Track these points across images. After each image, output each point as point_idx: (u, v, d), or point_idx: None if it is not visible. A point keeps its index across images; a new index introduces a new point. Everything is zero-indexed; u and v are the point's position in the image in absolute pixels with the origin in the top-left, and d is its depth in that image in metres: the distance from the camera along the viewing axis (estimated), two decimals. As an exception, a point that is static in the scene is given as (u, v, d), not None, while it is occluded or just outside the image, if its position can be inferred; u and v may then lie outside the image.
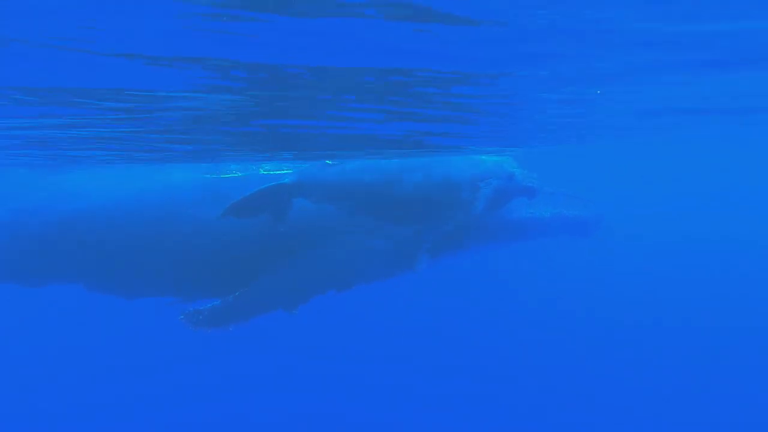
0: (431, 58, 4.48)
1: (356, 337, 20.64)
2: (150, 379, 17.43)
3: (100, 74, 4.69)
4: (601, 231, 9.57)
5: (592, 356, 20.29)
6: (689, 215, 40.56)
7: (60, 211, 8.20)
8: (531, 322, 24.05)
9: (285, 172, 8.52)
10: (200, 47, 3.93)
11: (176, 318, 7.75)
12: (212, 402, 16.27)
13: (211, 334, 7.64)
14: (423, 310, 24.82)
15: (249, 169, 9.21)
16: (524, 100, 6.79)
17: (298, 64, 4.55)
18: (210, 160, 10.56)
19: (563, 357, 19.97)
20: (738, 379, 17.45)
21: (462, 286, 26.10)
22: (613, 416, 15.58)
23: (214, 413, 15.71)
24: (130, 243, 7.99)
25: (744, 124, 11.03)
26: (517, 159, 9.14)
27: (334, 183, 7.78)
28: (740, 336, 21.22)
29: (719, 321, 23.32)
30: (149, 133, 7.56)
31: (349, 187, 7.75)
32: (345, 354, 19.42)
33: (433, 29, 3.67)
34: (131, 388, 16.90)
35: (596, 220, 9.56)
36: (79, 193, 8.46)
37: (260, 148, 9.43)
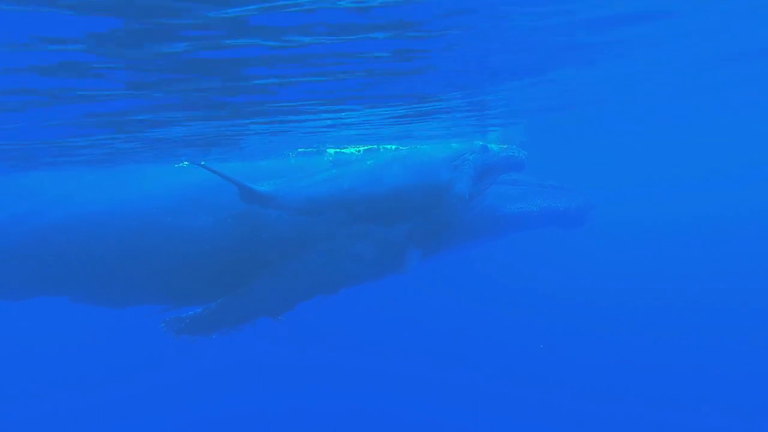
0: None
1: (357, 331, 20.59)
2: (150, 377, 17.35)
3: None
4: (592, 221, 9.46)
5: (590, 344, 20.29)
6: (681, 199, 40.66)
7: (41, 221, 7.95)
8: (530, 313, 24.04)
9: (351, 151, 8.40)
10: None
11: (159, 325, 7.56)
12: (213, 399, 16.19)
13: (194, 341, 7.45)
14: (417, 305, 24.77)
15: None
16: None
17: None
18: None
19: (562, 346, 19.95)
20: (742, 367, 17.44)
21: (455, 281, 26.06)
22: (616, 404, 15.57)
23: (213, 410, 15.61)
24: (111, 253, 7.77)
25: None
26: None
27: (312, 197, 7.46)
28: (742, 321, 21.25)
29: (718, 305, 23.34)
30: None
31: (332, 197, 7.45)
32: (346, 348, 19.37)
33: None
34: (127, 390, 16.81)
35: (586, 211, 9.45)
36: (58, 202, 8.22)
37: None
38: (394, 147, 9.76)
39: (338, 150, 9.71)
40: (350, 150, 9.59)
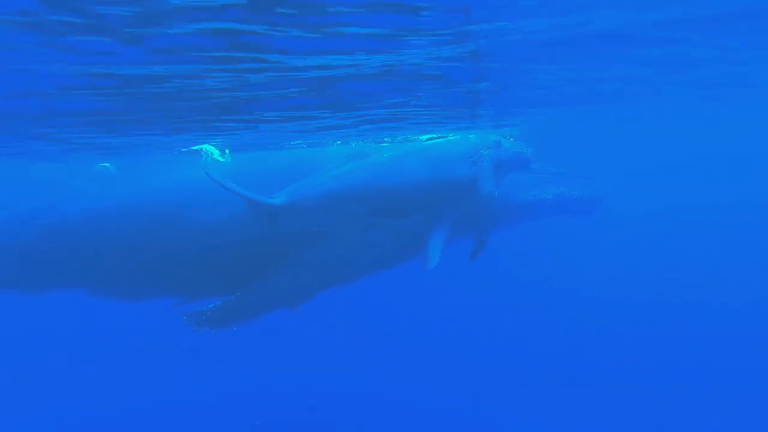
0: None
1: (367, 323, 20.65)
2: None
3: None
4: (605, 209, 9.49)
5: (600, 337, 20.30)
6: (692, 188, 40.56)
7: (59, 215, 8.03)
8: (539, 304, 24.06)
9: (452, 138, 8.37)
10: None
11: (179, 319, 7.61)
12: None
13: (215, 334, 7.51)
14: (428, 296, 24.81)
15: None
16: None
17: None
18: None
19: (571, 338, 19.97)
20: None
21: (464, 272, 25.99)
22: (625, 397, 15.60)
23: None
24: (130, 245, 7.83)
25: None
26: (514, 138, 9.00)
27: (328, 193, 7.42)
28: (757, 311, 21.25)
29: (735, 297, 23.32)
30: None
31: (349, 192, 7.43)
32: (357, 337, 19.43)
33: None
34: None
35: (599, 199, 9.47)
36: (88, 193, 8.30)
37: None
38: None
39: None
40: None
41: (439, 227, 7.69)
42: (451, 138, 8.68)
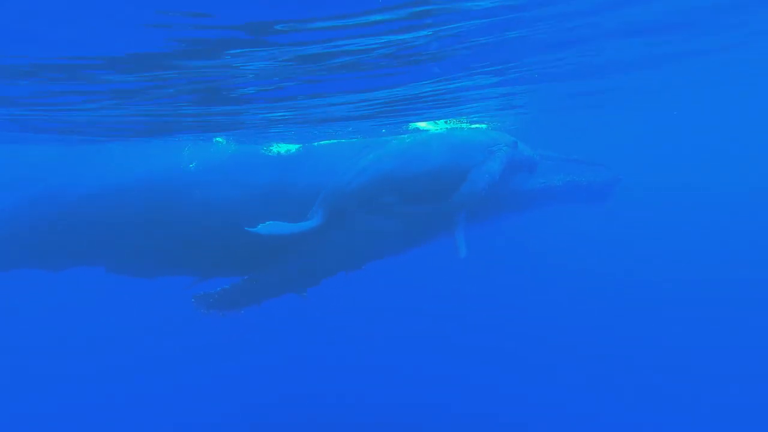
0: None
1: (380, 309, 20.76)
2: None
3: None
4: (616, 196, 9.36)
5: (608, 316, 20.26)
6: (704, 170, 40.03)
7: (80, 191, 8.19)
8: (548, 290, 24.05)
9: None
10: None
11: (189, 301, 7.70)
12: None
13: (223, 316, 7.59)
14: (437, 283, 24.87)
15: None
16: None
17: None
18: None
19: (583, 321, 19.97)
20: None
21: (479, 257, 26.01)
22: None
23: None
24: (143, 224, 7.94)
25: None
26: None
27: (363, 188, 7.34)
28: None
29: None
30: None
31: (379, 182, 7.34)
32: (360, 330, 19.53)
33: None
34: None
35: (610, 186, 9.34)
36: (97, 173, 8.45)
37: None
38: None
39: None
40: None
41: (461, 214, 7.65)
42: (472, 127, 8.65)
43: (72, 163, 9.23)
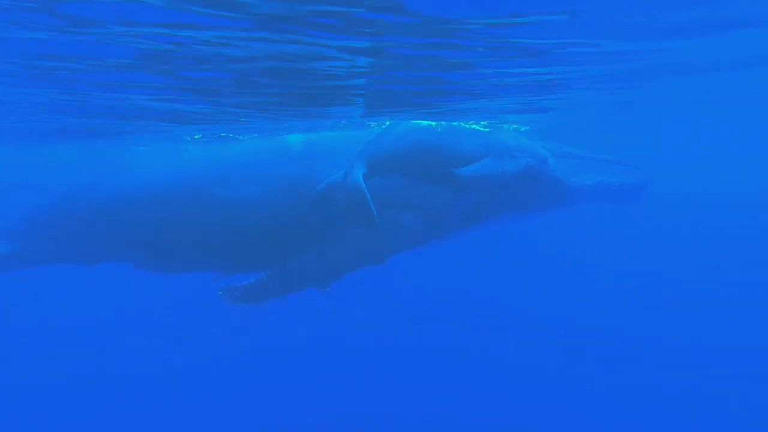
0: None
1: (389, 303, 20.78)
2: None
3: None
4: (647, 197, 9.15)
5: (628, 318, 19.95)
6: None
7: (112, 188, 8.43)
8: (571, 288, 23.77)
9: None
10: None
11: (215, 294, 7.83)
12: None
13: (248, 309, 7.69)
14: (459, 278, 24.80)
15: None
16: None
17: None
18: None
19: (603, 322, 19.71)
20: None
21: (500, 253, 25.87)
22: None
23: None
24: (169, 221, 8.10)
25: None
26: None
27: (400, 151, 7.55)
28: None
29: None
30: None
31: (416, 152, 7.57)
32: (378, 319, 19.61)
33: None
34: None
35: (641, 187, 9.13)
36: (129, 171, 8.69)
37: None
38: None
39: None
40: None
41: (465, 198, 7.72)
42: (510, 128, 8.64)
43: (105, 162, 9.56)
